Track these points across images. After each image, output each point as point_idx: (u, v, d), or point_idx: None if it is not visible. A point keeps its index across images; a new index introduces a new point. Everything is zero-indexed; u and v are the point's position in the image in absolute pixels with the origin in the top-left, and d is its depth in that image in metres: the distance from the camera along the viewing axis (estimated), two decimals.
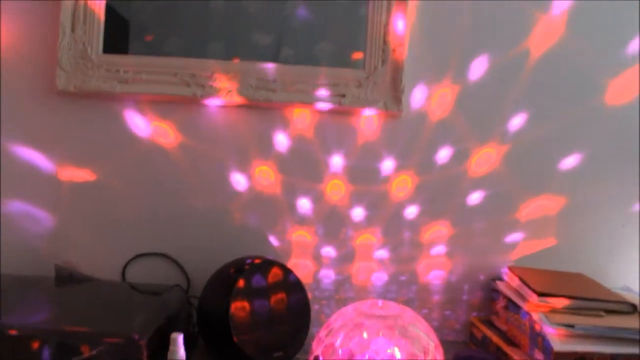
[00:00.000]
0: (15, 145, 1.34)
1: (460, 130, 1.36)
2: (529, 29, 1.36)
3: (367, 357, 0.88)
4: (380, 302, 0.98)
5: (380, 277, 1.39)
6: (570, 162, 1.39)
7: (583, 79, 1.38)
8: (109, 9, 1.34)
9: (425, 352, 0.91)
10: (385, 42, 1.32)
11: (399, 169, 1.37)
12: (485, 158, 1.37)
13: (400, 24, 1.32)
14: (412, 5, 1.33)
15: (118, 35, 1.36)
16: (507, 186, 1.38)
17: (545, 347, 1.08)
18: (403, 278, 1.39)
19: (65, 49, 1.31)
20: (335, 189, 1.37)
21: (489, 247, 1.40)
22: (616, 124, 1.38)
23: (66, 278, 1.32)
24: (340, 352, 0.90)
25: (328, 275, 1.38)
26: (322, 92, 1.32)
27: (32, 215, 1.35)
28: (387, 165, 1.37)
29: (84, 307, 1.18)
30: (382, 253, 1.38)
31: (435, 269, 1.39)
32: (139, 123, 1.35)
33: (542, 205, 1.39)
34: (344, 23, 1.39)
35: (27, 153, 1.34)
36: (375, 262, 1.38)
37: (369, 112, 1.34)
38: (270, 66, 1.33)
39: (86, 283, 1.31)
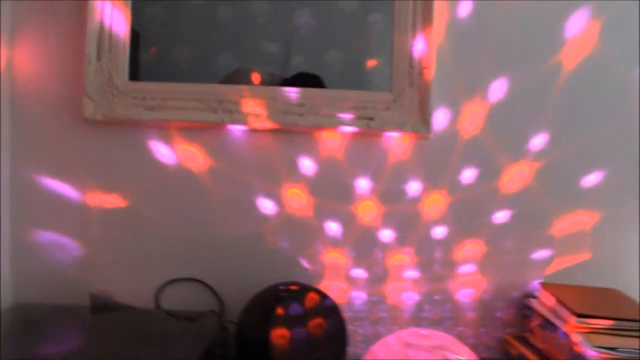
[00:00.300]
0: (44, 175, 1.35)
1: (490, 148, 1.36)
2: (559, 46, 1.36)
3: None
4: (423, 330, 0.98)
5: (413, 297, 1.38)
6: (600, 176, 1.38)
7: (615, 93, 1.37)
8: None
9: None
10: (412, 65, 1.31)
11: (429, 189, 1.37)
12: (517, 175, 1.37)
13: (426, 46, 1.31)
14: (438, 26, 1.32)
15: (131, 48, 1.35)
16: (539, 202, 1.38)
17: None
18: (436, 297, 1.39)
19: (91, 77, 1.31)
20: (367, 210, 1.37)
21: (521, 263, 1.39)
22: None
23: (101, 306, 1.32)
24: None
25: (361, 296, 1.38)
26: (350, 116, 1.32)
27: (62, 244, 1.36)
28: (417, 186, 1.37)
29: (122, 336, 1.19)
30: (414, 273, 1.38)
31: (468, 287, 1.39)
32: (167, 149, 1.35)
33: (575, 221, 1.39)
34: (353, 30, 1.39)
35: (55, 183, 1.35)
36: (407, 282, 1.38)
37: (397, 135, 1.34)
38: (297, 90, 1.33)
39: (121, 311, 1.31)
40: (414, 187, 1.37)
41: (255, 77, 1.37)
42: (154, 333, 1.21)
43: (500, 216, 1.38)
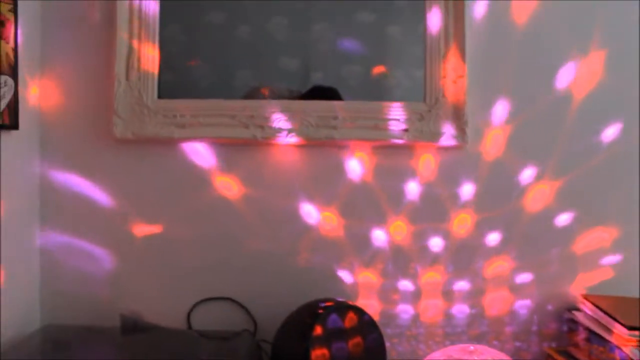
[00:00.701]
0: (79, 194, 1.34)
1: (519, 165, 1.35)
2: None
3: None
4: (471, 346, 0.95)
5: (450, 312, 1.35)
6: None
7: None
8: None
9: None
10: (444, 75, 1.30)
11: (464, 205, 1.34)
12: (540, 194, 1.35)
13: (459, 55, 1.29)
14: (471, 36, 1.31)
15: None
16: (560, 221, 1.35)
17: None
18: (473, 311, 1.35)
19: (120, 96, 1.31)
20: (398, 230, 1.34)
21: (559, 277, 1.36)
22: None
23: (131, 327, 1.30)
24: None
25: (397, 312, 1.35)
26: (384, 127, 1.30)
27: (94, 262, 1.34)
28: (452, 199, 1.34)
29: (153, 357, 1.16)
30: (451, 287, 1.35)
31: (505, 300, 1.35)
32: (199, 167, 1.33)
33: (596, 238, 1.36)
34: (370, 42, 1.38)
35: (89, 202, 1.34)
36: (443, 297, 1.35)
37: (432, 145, 1.32)
38: (330, 103, 1.31)
39: (152, 332, 1.28)
40: (450, 200, 1.34)
41: (273, 94, 1.36)
42: (185, 354, 1.18)
43: (538, 228, 1.35)
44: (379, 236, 1.34)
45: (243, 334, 1.28)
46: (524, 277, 1.36)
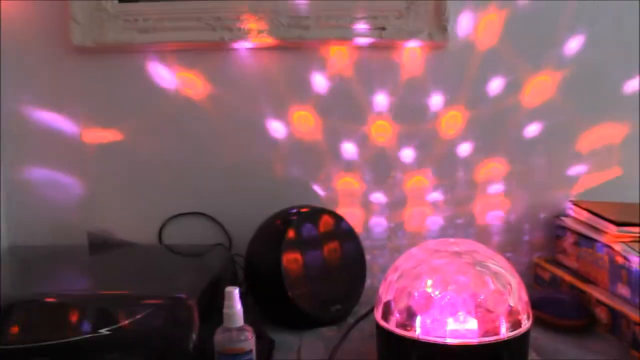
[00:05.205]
0: (34, 109, 1.25)
1: (512, 58, 1.25)
2: None
3: (448, 298, 0.79)
4: (451, 239, 0.89)
5: (435, 221, 1.29)
6: (632, 85, 1.27)
7: None
8: None
9: (509, 289, 0.81)
10: None
11: (448, 103, 1.26)
12: (540, 87, 1.26)
13: None
14: None
15: None
16: (565, 116, 1.27)
17: (632, 280, 0.99)
18: (459, 221, 1.29)
19: (78, 0, 1.21)
20: (381, 131, 1.27)
21: (549, 182, 1.30)
22: None
23: (101, 245, 1.24)
24: (416, 295, 0.80)
25: (379, 223, 1.29)
26: (360, 26, 1.22)
27: (58, 182, 1.27)
28: (435, 100, 1.26)
29: (124, 272, 1.10)
30: (436, 195, 1.29)
31: (493, 209, 1.30)
32: (165, 75, 1.25)
33: (603, 134, 1.28)
34: None
35: (47, 116, 1.26)
36: (428, 206, 1.29)
37: (412, 44, 1.24)
38: (301, 2, 1.22)
39: (123, 248, 1.23)
40: (433, 101, 1.26)
41: None
42: (156, 268, 1.13)
43: (528, 131, 1.28)
44: (359, 139, 1.27)
45: (217, 248, 1.23)
46: (513, 184, 1.30)
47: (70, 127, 1.26)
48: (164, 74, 1.25)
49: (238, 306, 0.82)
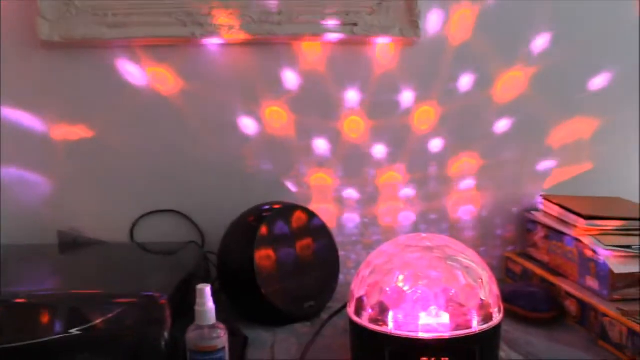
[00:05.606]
0: (1, 106, 1.22)
1: (483, 54, 1.26)
2: None
3: (419, 292, 0.80)
4: (423, 234, 0.89)
5: (408, 217, 1.30)
6: (600, 81, 1.30)
7: None
8: None
9: (480, 283, 0.82)
10: None
11: (419, 99, 1.27)
12: (512, 82, 1.28)
13: None
14: None
15: None
16: (535, 111, 1.29)
17: (600, 272, 1.00)
18: (432, 216, 1.30)
19: None
20: (354, 127, 1.27)
21: (520, 177, 1.32)
22: None
23: (71, 244, 1.22)
24: (389, 289, 0.81)
25: (352, 219, 1.30)
26: (332, 22, 1.21)
27: (27, 180, 1.25)
28: (407, 96, 1.27)
29: (95, 271, 1.08)
30: (408, 191, 1.30)
31: (465, 204, 1.31)
32: (134, 71, 1.23)
33: (574, 130, 1.30)
34: None
35: (14, 113, 1.22)
36: (401, 201, 1.30)
37: (383, 41, 1.24)
38: None
39: (93, 247, 1.22)
40: (405, 97, 1.27)
41: None
42: (127, 267, 1.11)
43: (499, 126, 1.30)
44: (331, 135, 1.27)
45: (189, 246, 1.21)
46: (484, 179, 1.31)
47: (38, 125, 1.23)
48: (134, 70, 1.23)
49: (210, 303, 0.82)
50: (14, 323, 0.85)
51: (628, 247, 0.99)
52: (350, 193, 1.29)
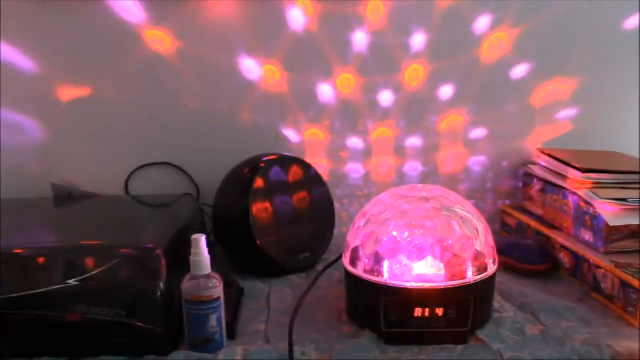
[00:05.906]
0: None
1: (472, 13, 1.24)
2: None
3: (415, 242, 0.80)
4: (419, 185, 0.89)
5: (403, 170, 1.30)
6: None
7: None
8: None
9: (476, 234, 0.82)
10: None
11: (415, 55, 1.25)
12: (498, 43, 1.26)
13: None
14: None
15: None
16: (526, 68, 1.27)
17: (595, 225, 1.01)
18: (426, 169, 1.30)
19: None
20: (346, 83, 1.25)
21: (514, 132, 1.31)
22: None
23: (65, 197, 1.22)
24: (384, 239, 0.81)
25: (347, 172, 1.29)
26: None
27: (22, 130, 1.23)
28: (403, 50, 1.24)
29: (90, 223, 1.08)
30: (403, 144, 1.29)
31: (461, 157, 1.30)
32: (128, 23, 1.20)
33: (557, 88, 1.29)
34: None
35: (10, 67, 1.20)
36: (396, 155, 1.29)
37: None
38: None
39: (88, 200, 1.21)
40: (402, 51, 1.25)
41: None
42: (123, 219, 1.10)
43: (489, 83, 1.28)
44: (325, 91, 1.25)
45: (185, 198, 1.21)
46: (479, 133, 1.30)
47: (36, 75, 1.21)
48: (127, 24, 1.20)
49: (205, 253, 0.82)
50: (12, 274, 0.85)
51: (624, 200, 0.99)
52: (345, 146, 1.28)
